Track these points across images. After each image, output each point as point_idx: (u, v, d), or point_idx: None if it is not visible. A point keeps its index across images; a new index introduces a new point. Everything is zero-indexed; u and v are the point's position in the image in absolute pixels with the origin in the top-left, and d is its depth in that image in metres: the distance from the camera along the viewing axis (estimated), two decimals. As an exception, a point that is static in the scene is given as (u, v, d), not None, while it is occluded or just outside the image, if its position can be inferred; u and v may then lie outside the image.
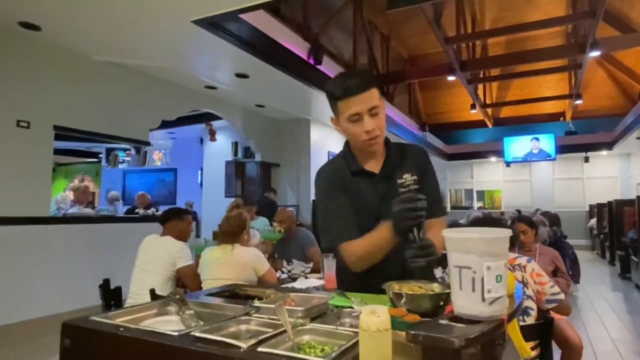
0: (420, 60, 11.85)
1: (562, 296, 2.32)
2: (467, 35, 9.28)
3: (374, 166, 1.62)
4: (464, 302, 1.04)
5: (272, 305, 1.24)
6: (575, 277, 6.34)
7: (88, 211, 6.17)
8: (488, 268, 1.01)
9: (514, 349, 1.33)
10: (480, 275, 1.01)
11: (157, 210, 6.82)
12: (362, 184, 1.61)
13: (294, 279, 3.11)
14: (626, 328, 4.64)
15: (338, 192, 1.59)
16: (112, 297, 2.86)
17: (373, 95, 1.50)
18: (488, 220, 3.53)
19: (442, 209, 1.69)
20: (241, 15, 4.39)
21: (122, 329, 1.20)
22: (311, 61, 5.98)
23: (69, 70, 5.05)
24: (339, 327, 1.18)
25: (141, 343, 1.14)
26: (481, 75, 11.52)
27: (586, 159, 14.19)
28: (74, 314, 1.32)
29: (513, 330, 1.28)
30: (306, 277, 3.20)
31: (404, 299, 1.21)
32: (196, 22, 4.17)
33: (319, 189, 1.65)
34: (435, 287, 1.28)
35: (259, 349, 1.00)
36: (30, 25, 4.39)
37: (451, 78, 9.03)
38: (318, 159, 8.91)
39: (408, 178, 1.45)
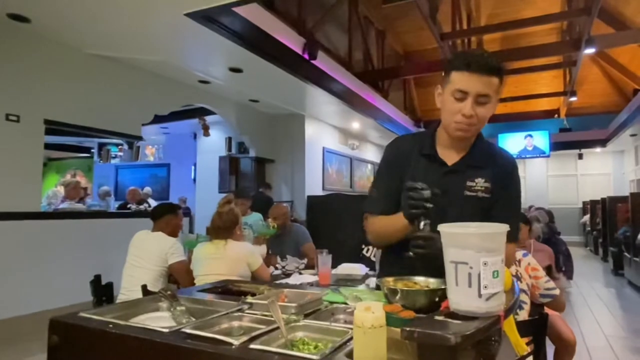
0: (415, 56, 11.84)
1: (557, 292, 2.33)
2: (463, 32, 9.27)
3: (450, 156, 1.48)
4: (460, 298, 1.02)
5: (265, 302, 1.22)
6: (569, 273, 6.37)
7: (79, 206, 6.11)
8: (485, 264, 0.99)
9: (510, 344, 1.32)
10: (477, 271, 1.00)
11: (149, 206, 6.77)
12: (428, 168, 1.48)
13: (288, 275, 3.10)
14: (619, 324, 4.67)
15: (392, 170, 1.53)
16: (103, 293, 2.83)
17: (490, 83, 1.35)
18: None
19: (514, 234, 1.40)
20: (235, 9, 4.34)
21: (111, 326, 1.18)
22: (306, 56, 5.94)
23: (59, 63, 4.97)
24: (332, 324, 1.16)
25: (131, 340, 1.12)
26: (476, 72, 11.52)
27: (580, 156, 14.27)
28: (65, 310, 1.30)
29: (509, 327, 1.27)
30: (300, 273, 3.18)
31: (398, 295, 1.20)
32: (189, 15, 4.12)
33: (382, 158, 1.60)
34: (432, 283, 1.27)
35: (251, 346, 0.99)
36: (19, 17, 4.31)
37: (446, 74, 9.01)
38: (312, 155, 8.89)
39: (480, 183, 1.42)
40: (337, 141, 10.13)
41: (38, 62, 4.76)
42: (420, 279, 1.30)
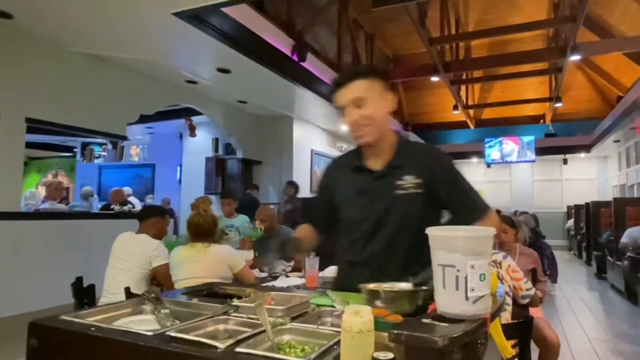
0: (404, 60, 11.91)
1: (533, 291, 2.44)
2: (451, 37, 9.37)
3: (377, 162, 1.56)
4: (447, 301, 1.02)
5: (252, 305, 1.21)
6: (553, 276, 6.45)
7: (61, 207, 6.01)
8: (472, 267, 0.99)
9: (495, 347, 1.32)
10: (464, 274, 1.00)
11: (132, 207, 6.69)
12: (360, 179, 1.58)
13: (275, 278, 3.07)
14: (602, 327, 4.73)
15: (321, 195, 1.74)
16: (85, 295, 2.78)
17: (358, 87, 1.48)
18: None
19: (481, 208, 1.50)
20: (224, 9, 4.33)
21: (93, 329, 1.15)
22: (295, 58, 5.93)
23: (42, 60, 4.89)
24: (320, 327, 1.15)
25: (114, 343, 1.09)
26: (464, 77, 11.65)
27: (565, 161, 14.49)
28: (45, 312, 1.26)
29: (495, 330, 1.27)
30: (287, 276, 3.16)
31: (381, 297, 1.18)
32: (177, 14, 4.08)
33: (318, 183, 1.80)
34: (405, 286, 1.26)
35: (237, 349, 0.97)
36: (2, 13, 4.23)
37: (435, 79, 9.09)
38: (300, 157, 8.87)
39: (409, 180, 1.48)
40: (325, 143, 10.14)
41: (20, 59, 4.68)
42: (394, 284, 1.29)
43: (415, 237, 1.38)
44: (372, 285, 1.26)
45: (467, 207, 1.50)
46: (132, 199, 7.87)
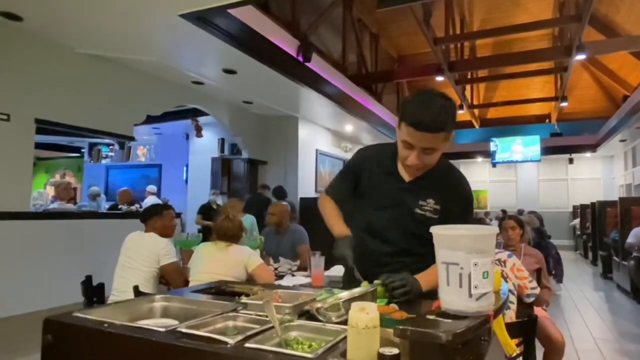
0: (409, 59, 11.91)
1: (537, 290, 2.46)
2: (456, 36, 9.36)
3: (410, 172, 1.61)
4: (451, 298, 1.05)
5: (260, 302, 1.23)
6: (559, 276, 6.44)
7: (70, 207, 6.06)
8: (475, 264, 1.02)
9: (499, 344, 1.34)
10: (467, 272, 1.02)
11: (140, 207, 6.74)
12: (386, 183, 1.64)
13: (281, 277, 3.10)
14: (607, 327, 4.72)
15: (350, 176, 1.75)
16: (94, 294, 2.81)
17: (435, 138, 1.44)
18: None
19: None
20: (230, 11, 4.35)
21: (106, 325, 1.18)
22: (300, 58, 5.96)
23: (51, 62, 4.94)
24: (326, 324, 1.17)
25: (126, 339, 1.12)
26: (469, 76, 11.63)
27: (570, 161, 14.42)
28: (55, 311, 1.29)
29: (498, 326, 1.29)
30: (293, 275, 3.19)
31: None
32: (184, 16, 4.11)
33: (349, 160, 1.81)
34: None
35: (247, 345, 1.00)
36: (12, 16, 4.28)
37: (439, 78, 9.08)
38: (306, 157, 8.89)
39: (430, 204, 1.58)
40: (330, 143, 10.16)
41: (30, 61, 4.73)
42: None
43: (418, 251, 1.58)
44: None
45: None
46: (151, 198, 7.93)
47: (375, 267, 1.57)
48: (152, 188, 8.58)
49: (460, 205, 1.61)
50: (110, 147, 11.71)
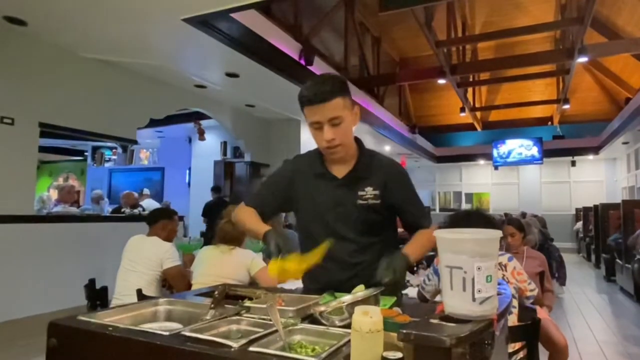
0: (411, 62, 11.93)
1: (536, 291, 2.45)
2: (458, 39, 9.37)
3: (339, 170, 1.64)
4: (454, 302, 1.04)
5: (263, 305, 1.23)
6: (561, 279, 6.42)
7: (73, 210, 6.08)
8: (478, 268, 1.02)
9: (502, 348, 1.34)
10: (470, 275, 1.02)
11: (143, 210, 6.75)
12: (321, 186, 1.65)
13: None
14: (611, 329, 4.71)
15: (280, 185, 1.72)
16: (97, 297, 2.82)
17: (335, 105, 1.49)
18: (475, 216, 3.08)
19: (428, 218, 1.75)
20: (232, 14, 4.37)
21: (111, 329, 1.19)
22: (302, 62, 5.97)
23: (55, 66, 4.97)
24: (330, 327, 1.17)
25: (131, 343, 1.12)
26: (471, 79, 11.63)
27: (573, 163, 14.39)
28: (58, 314, 1.30)
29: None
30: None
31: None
32: (186, 20, 4.14)
33: (279, 169, 1.78)
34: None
35: (250, 349, 1.00)
36: (15, 20, 4.31)
37: (441, 81, 9.09)
38: (308, 160, 8.88)
39: (369, 192, 1.60)
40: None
41: (33, 65, 4.76)
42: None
43: (378, 237, 1.64)
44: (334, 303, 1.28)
45: (416, 208, 1.71)
46: (148, 201, 7.93)
47: (345, 270, 1.61)
48: (146, 191, 8.55)
49: (397, 180, 1.66)
50: (113, 150, 11.74)
